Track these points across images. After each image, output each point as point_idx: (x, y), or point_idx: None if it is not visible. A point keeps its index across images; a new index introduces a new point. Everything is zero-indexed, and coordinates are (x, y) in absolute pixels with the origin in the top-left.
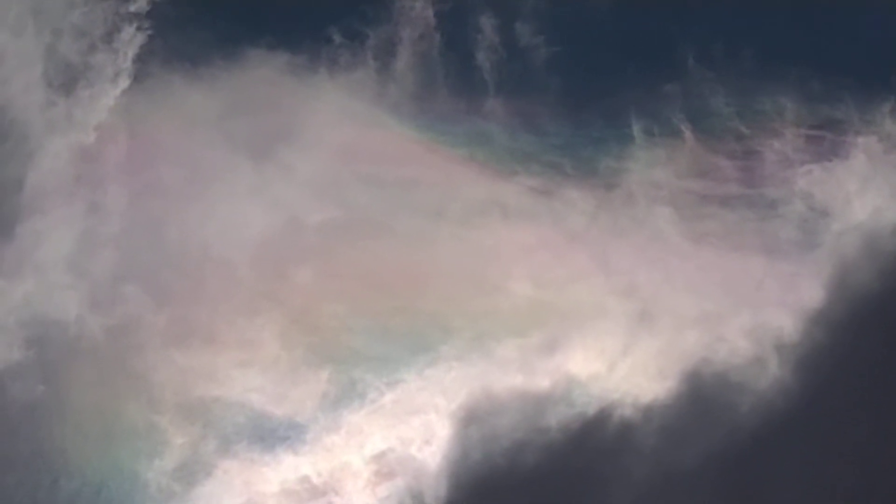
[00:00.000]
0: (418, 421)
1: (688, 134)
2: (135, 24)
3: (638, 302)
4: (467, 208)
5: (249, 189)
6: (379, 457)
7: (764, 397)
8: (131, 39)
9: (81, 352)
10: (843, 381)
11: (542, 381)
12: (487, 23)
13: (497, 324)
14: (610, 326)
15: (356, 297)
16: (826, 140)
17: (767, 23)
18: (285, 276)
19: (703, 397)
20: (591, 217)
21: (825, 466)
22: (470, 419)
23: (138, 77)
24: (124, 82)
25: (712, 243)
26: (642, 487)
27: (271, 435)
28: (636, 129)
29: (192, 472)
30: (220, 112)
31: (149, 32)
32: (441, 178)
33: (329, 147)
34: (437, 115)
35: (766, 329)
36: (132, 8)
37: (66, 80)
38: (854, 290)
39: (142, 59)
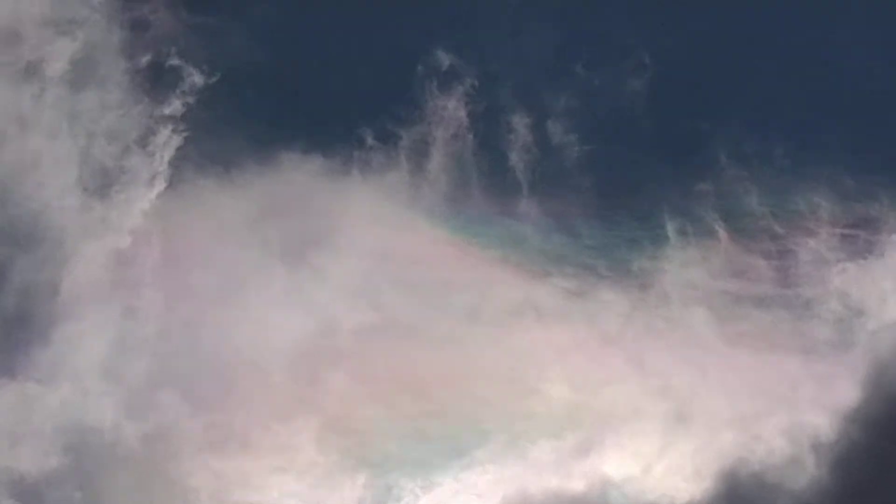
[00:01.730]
0: None
1: (722, 233)
2: (170, 127)
3: (673, 403)
4: (502, 310)
5: (284, 293)
6: None
7: (801, 497)
8: (167, 142)
9: (118, 458)
10: (880, 480)
11: (577, 484)
12: (520, 122)
13: (532, 426)
14: (645, 428)
15: (391, 400)
16: (861, 238)
17: (799, 121)
18: (320, 380)
19: (740, 497)
20: (626, 318)
21: None
22: None
23: (173, 181)
24: (160, 185)
25: (748, 343)
26: None
27: None
28: (670, 228)
29: None
30: (254, 216)
31: (184, 135)
32: (475, 280)
33: (363, 250)
34: (470, 217)
35: (803, 428)
36: (167, 111)
37: (102, 184)
38: (890, 389)
39: (177, 162)
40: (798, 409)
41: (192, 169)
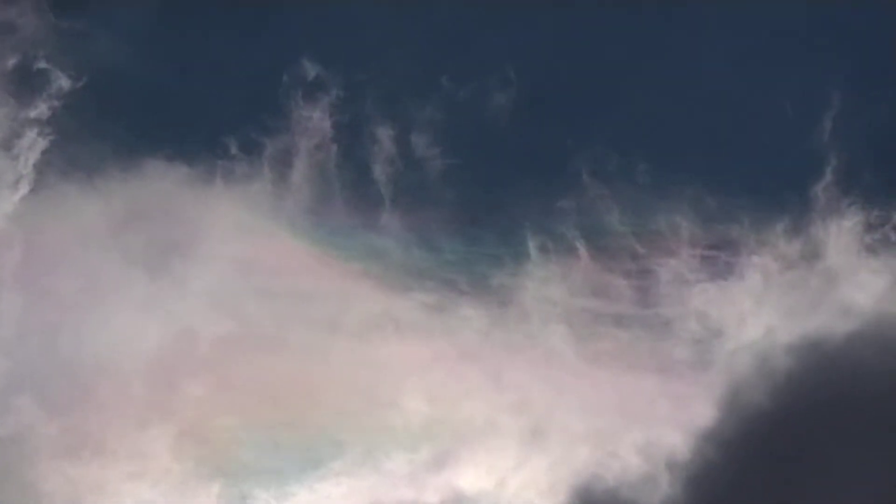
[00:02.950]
0: None
1: (582, 251)
2: (35, 131)
3: (530, 418)
4: (361, 322)
5: (144, 300)
6: None
7: None
8: (32, 146)
9: None
10: (733, 499)
11: (431, 497)
12: (384, 134)
13: (388, 438)
14: (501, 442)
15: (248, 409)
16: (721, 259)
17: (662, 140)
18: (178, 388)
19: None
20: (485, 334)
21: None
22: None
23: (37, 185)
24: (24, 189)
25: (606, 361)
26: None
27: None
28: (531, 245)
29: None
30: (116, 222)
31: (50, 139)
32: (335, 292)
33: (224, 259)
34: (332, 229)
35: (658, 446)
36: (32, 114)
37: None
38: (746, 409)
39: (41, 166)
40: (654, 426)
41: (57, 173)
